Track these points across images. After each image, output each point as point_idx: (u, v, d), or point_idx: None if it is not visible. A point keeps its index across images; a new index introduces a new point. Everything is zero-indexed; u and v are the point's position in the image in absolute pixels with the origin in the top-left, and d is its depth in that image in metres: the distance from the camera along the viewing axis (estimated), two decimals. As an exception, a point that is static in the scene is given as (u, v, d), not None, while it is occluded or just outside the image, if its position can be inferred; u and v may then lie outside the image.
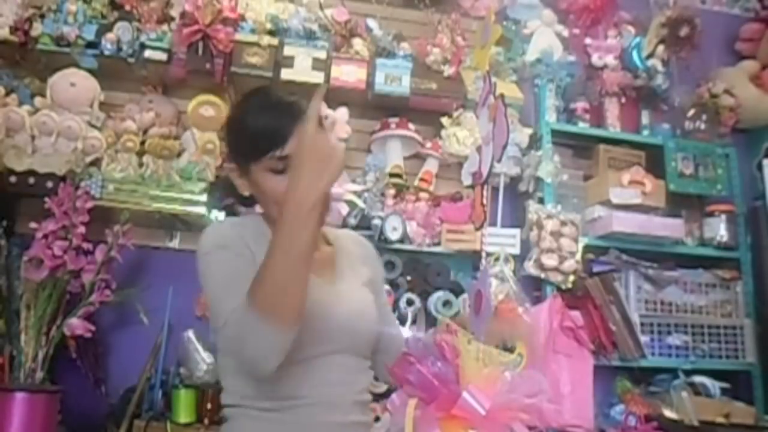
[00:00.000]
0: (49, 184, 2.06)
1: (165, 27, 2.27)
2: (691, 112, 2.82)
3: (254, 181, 1.16)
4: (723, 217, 2.71)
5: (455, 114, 2.47)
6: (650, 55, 2.80)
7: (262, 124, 1.13)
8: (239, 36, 2.29)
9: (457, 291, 2.37)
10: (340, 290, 1.22)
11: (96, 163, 2.18)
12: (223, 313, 1.05)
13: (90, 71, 2.25)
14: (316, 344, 1.13)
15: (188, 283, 2.26)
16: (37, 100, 2.20)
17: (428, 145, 2.53)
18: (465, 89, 2.46)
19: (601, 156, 2.73)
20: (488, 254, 1.22)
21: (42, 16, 2.22)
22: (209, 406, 2.07)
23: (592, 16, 2.80)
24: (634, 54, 2.79)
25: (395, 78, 2.39)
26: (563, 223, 2.45)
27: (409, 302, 2.32)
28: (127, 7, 2.28)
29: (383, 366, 1.24)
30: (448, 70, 2.44)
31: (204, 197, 2.19)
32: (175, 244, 2.39)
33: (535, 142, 2.63)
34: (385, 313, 1.34)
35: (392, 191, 2.43)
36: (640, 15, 2.90)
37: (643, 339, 2.54)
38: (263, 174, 1.14)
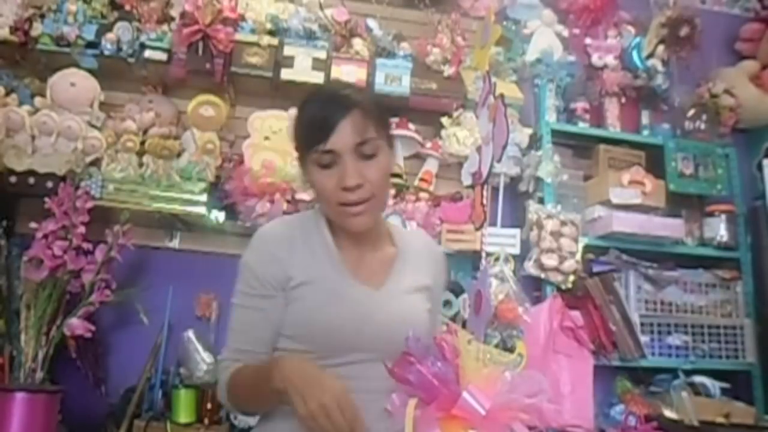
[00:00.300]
0: (49, 184, 2.05)
1: (165, 27, 2.27)
2: (691, 112, 2.82)
3: (307, 173, 1.18)
4: (723, 217, 2.71)
5: (455, 114, 2.47)
6: (650, 55, 2.80)
7: (309, 118, 1.15)
8: (239, 36, 2.29)
9: (457, 291, 2.37)
10: (385, 296, 1.19)
11: (96, 163, 2.18)
12: (225, 351, 1.20)
13: (90, 71, 2.25)
14: (352, 352, 1.12)
15: (188, 283, 2.30)
16: (37, 100, 2.20)
17: (428, 145, 2.53)
18: (465, 89, 2.46)
19: (601, 156, 2.73)
20: (488, 254, 1.22)
21: (42, 16, 2.22)
22: (209, 406, 2.07)
23: (592, 16, 2.80)
24: (634, 54, 2.79)
25: (395, 78, 2.39)
26: (563, 223, 2.45)
27: (409, 302, 2.32)
28: (127, 7, 2.28)
29: None
30: (448, 70, 2.44)
31: (204, 197, 2.19)
32: (175, 244, 2.39)
33: (535, 142, 2.63)
34: (433, 323, 1.27)
35: (392, 191, 2.43)
36: (640, 15, 2.89)
37: (643, 339, 2.54)
38: (312, 167, 1.15)
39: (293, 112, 1.25)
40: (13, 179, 2.07)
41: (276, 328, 1.16)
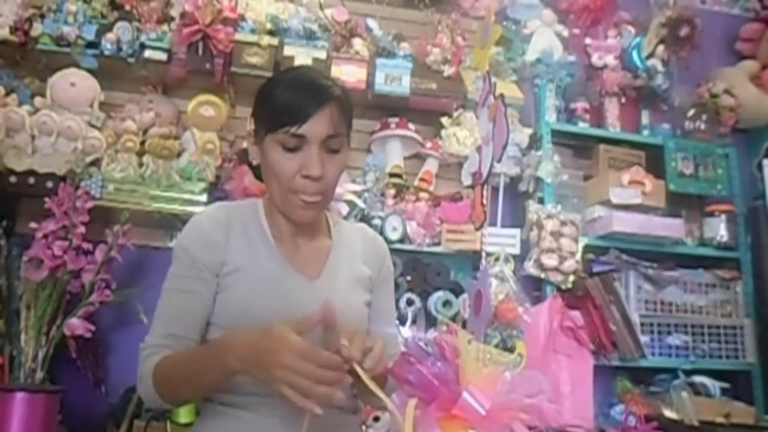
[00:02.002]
0: (49, 184, 2.05)
1: (165, 27, 2.27)
2: (691, 112, 2.83)
3: (264, 151, 1.14)
4: (723, 217, 2.71)
5: (455, 114, 2.47)
6: (650, 55, 2.81)
7: (288, 97, 1.11)
8: (239, 36, 2.29)
9: (457, 291, 2.37)
10: (321, 288, 1.16)
11: (96, 163, 2.18)
12: (150, 338, 1.16)
13: (90, 71, 2.24)
14: None
15: (188, 283, 2.29)
16: (37, 100, 2.20)
17: (428, 145, 2.53)
18: (465, 89, 2.46)
19: (601, 156, 2.73)
20: (488, 254, 1.21)
21: (42, 16, 2.21)
22: (209, 406, 2.07)
23: (592, 16, 2.80)
24: (634, 54, 2.79)
25: (395, 78, 2.39)
26: (563, 223, 2.45)
27: (409, 302, 2.32)
28: (127, 7, 2.28)
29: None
30: (448, 70, 2.44)
31: (204, 197, 2.19)
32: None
33: (535, 142, 2.63)
34: (379, 314, 1.27)
35: (392, 191, 2.43)
36: (640, 15, 2.90)
37: (643, 339, 2.54)
38: (273, 146, 1.12)
39: None
40: (13, 179, 2.07)
41: (208, 314, 1.14)
